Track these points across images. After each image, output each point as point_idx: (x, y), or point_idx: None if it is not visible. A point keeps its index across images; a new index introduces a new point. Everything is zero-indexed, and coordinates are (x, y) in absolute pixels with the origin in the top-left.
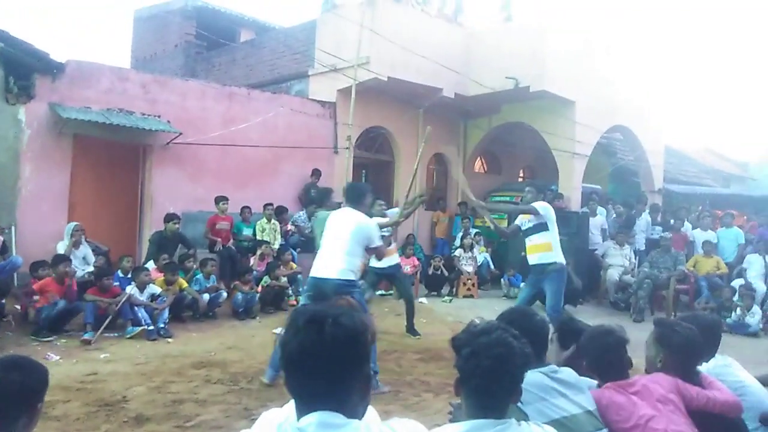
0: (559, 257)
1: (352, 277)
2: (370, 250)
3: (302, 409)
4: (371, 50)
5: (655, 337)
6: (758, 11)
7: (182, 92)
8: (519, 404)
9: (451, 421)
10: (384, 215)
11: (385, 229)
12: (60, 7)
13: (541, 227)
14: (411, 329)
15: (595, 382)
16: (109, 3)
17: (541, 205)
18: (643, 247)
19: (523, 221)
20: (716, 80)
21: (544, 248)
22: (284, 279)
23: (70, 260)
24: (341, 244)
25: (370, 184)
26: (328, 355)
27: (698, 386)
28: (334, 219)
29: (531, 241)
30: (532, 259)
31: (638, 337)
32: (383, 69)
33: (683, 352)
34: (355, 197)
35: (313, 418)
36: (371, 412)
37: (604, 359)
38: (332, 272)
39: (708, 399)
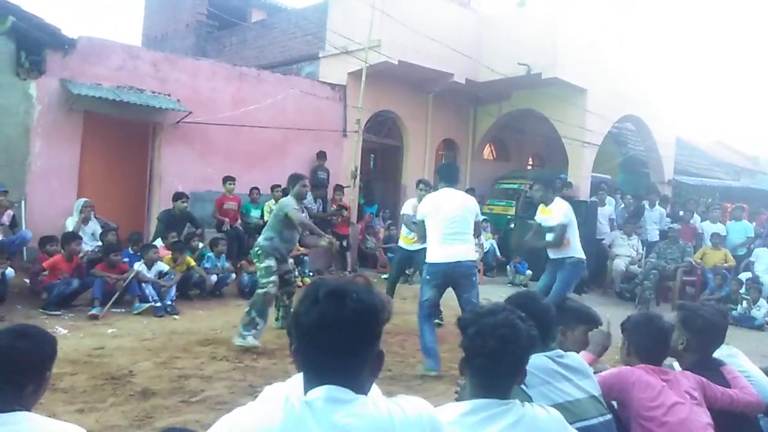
0: (577, 252)
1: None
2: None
3: (312, 382)
4: (382, 33)
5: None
6: None
7: (193, 71)
8: (523, 387)
9: (457, 399)
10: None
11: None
12: None
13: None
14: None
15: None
16: None
17: (562, 215)
18: (656, 238)
19: (543, 219)
20: (729, 73)
21: (563, 244)
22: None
23: (81, 238)
24: (461, 225)
25: (378, 170)
26: (347, 329)
27: (720, 377)
28: (440, 201)
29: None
30: (552, 253)
31: None
32: (394, 52)
33: (706, 335)
34: (452, 177)
35: (322, 392)
36: (374, 389)
37: (652, 343)
38: (465, 255)
39: (732, 400)
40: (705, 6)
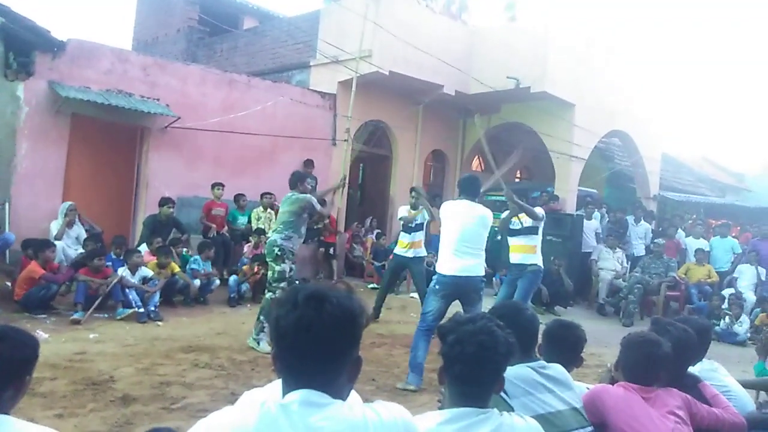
0: (539, 260)
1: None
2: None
3: (290, 386)
4: (374, 43)
5: None
6: (760, 22)
7: (182, 77)
8: (505, 397)
9: (440, 408)
10: None
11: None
12: None
13: (533, 231)
14: None
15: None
16: None
17: (542, 212)
18: (642, 253)
19: (513, 220)
20: (716, 90)
21: (530, 250)
22: None
23: (54, 246)
24: (476, 240)
25: (366, 179)
26: (325, 333)
27: (698, 394)
28: (458, 212)
29: (517, 241)
30: (515, 258)
31: None
32: (385, 63)
33: (676, 351)
34: (473, 189)
35: (298, 395)
36: (353, 395)
37: (641, 368)
38: (476, 270)
39: (718, 419)
40: (693, 24)
